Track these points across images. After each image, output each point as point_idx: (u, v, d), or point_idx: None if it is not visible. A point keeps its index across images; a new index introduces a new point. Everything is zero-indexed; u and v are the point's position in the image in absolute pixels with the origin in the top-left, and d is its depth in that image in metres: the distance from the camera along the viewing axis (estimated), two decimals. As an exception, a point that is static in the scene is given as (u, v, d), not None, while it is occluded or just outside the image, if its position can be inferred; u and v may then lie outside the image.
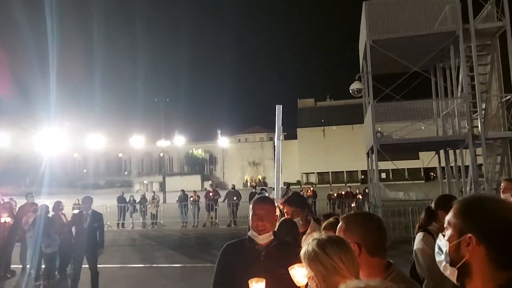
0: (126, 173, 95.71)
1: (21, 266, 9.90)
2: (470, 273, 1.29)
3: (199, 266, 10.26)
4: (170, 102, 71.14)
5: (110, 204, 20.55)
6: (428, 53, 12.80)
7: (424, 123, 13.15)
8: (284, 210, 3.59)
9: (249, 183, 74.81)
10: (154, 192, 22.92)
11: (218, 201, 20.33)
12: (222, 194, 20.99)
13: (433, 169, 64.49)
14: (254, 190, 21.90)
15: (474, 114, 12.45)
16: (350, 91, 13.87)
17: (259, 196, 2.85)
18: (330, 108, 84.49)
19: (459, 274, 1.32)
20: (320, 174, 79.71)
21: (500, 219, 1.26)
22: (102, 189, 73.87)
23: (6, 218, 9.86)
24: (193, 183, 69.12)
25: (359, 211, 2.72)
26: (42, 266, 8.86)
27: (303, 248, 1.66)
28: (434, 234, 3.09)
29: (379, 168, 12.96)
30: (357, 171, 74.86)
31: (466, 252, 1.29)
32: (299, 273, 1.87)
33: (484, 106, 12.46)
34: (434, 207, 3.32)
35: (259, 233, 2.54)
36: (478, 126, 12.25)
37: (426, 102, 13.51)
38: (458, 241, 1.31)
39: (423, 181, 60.59)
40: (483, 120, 12.14)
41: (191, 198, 20.85)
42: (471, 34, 12.01)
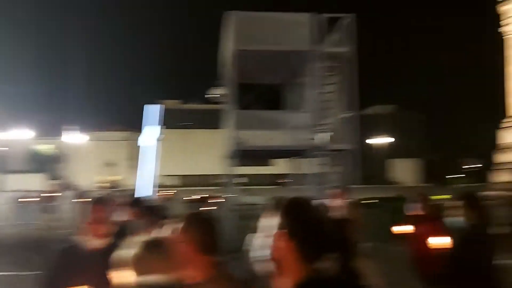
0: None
1: None
2: (285, 265, 1.48)
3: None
4: (24, 92, 62.61)
5: None
6: (284, 68, 13.83)
7: (278, 133, 14.17)
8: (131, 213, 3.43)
9: (100, 185, 69.93)
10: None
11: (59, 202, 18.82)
12: (69, 195, 19.43)
13: (288, 175, 69.37)
14: (99, 193, 20.78)
15: (321, 127, 13.89)
16: (209, 97, 14.17)
17: (96, 198, 2.67)
18: (196, 111, 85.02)
19: (277, 267, 1.51)
20: (183, 176, 79.28)
21: (305, 219, 1.50)
22: None
23: None
24: (38, 182, 62.13)
25: (197, 213, 2.77)
26: None
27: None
28: None
29: (236, 172, 13.41)
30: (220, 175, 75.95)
31: (281, 246, 1.48)
32: (121, 276, 1.91)
33: (329, 121, 13.99)
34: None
35: (92, 237, 2.38)
36: (323, 138, 13.70)
37: (279, 113, 14.60)
38: (276, 236, 1.51)
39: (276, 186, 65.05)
40: (328, 133, 13.63)
41: (28, 199, 18.91)
42: (321, 55, 13.37)
